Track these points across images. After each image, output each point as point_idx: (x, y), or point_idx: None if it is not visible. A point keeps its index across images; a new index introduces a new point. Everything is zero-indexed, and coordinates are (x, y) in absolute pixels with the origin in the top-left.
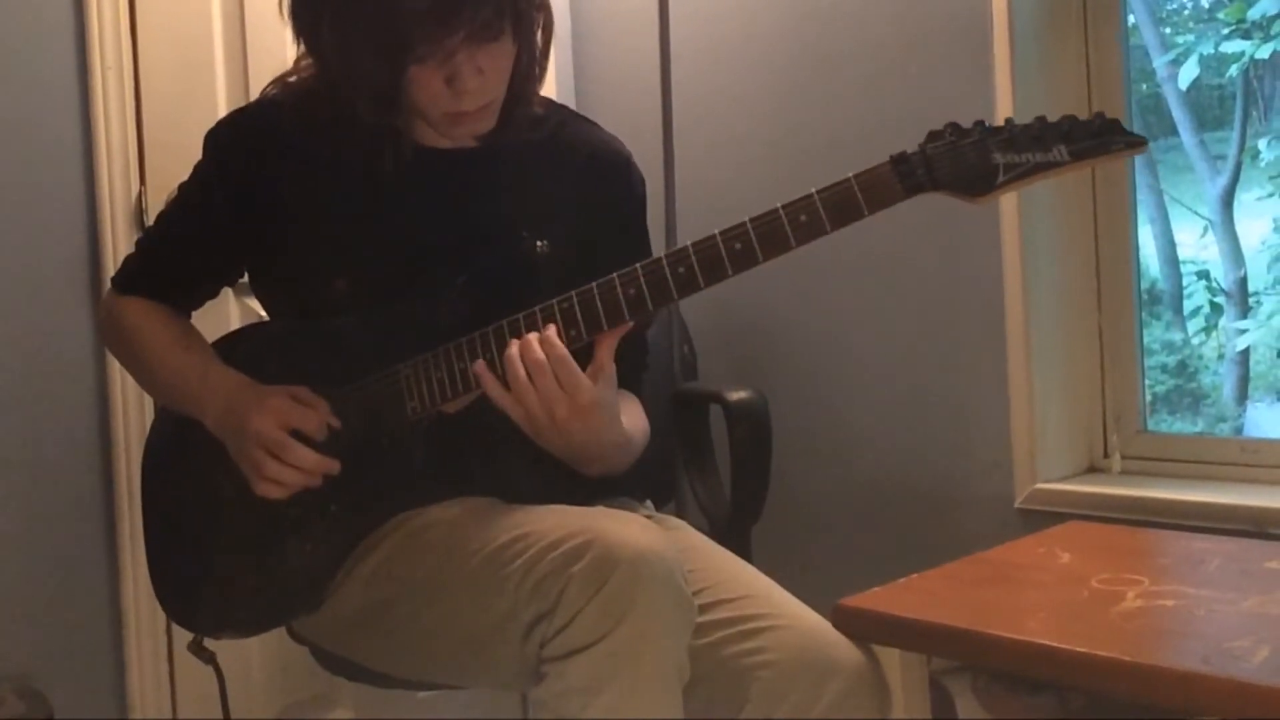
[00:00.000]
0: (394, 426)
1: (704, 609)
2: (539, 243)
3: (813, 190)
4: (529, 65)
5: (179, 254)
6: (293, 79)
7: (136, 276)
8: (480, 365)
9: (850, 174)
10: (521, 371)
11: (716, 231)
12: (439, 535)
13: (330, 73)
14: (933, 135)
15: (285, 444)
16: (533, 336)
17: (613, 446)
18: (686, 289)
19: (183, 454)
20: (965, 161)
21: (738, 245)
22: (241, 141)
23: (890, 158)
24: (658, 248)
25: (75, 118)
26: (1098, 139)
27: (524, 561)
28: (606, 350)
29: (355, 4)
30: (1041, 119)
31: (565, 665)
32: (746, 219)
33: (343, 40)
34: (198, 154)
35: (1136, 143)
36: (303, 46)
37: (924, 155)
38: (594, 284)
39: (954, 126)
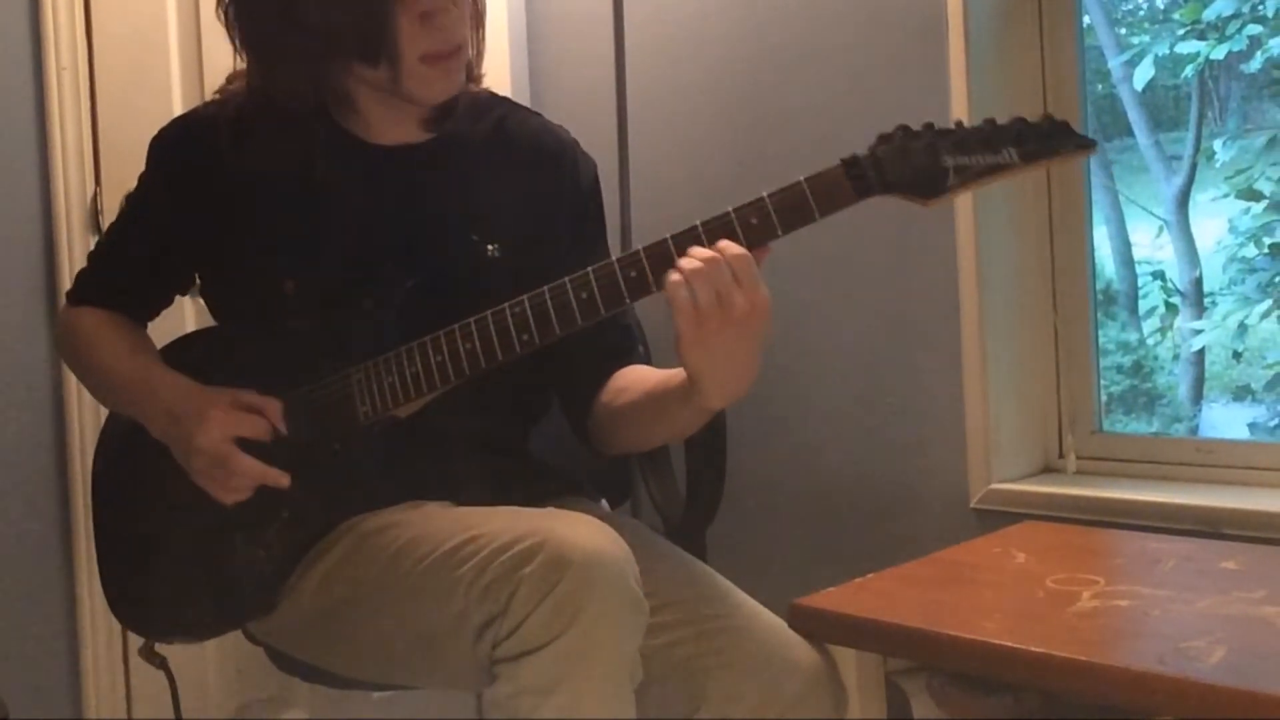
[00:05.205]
0: (345, 431)
1: (659, 609)
2: (489, 247)
3: (763, 193)
4: (475, 30)
5: (129, 264)
6: (234, 86)
7: (89, 288)
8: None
9: (801, 177)
10: (694, 262)
11: (668, 235)
12: (391, 538)
13: (271, 57)
14: (883, 138)
15: (230, 457)
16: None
17: (749, 364)
18: (638, 292)
19: (133, 459)
20: (915, 164)
21: (689, 249)
22: (183, 147)
23: (841, 160)
24: (613, 247)
25: (30, 119)
26: (1047, 141)
27: (475, 564)
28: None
29: None
30: (991, 121)
31: (517, 667)
32: (698, 222)
33: None
34: None
35: (1086, 145)
36: (245, 32)
37: (874, 158)
38: (545, 288)
39: (904, 129)
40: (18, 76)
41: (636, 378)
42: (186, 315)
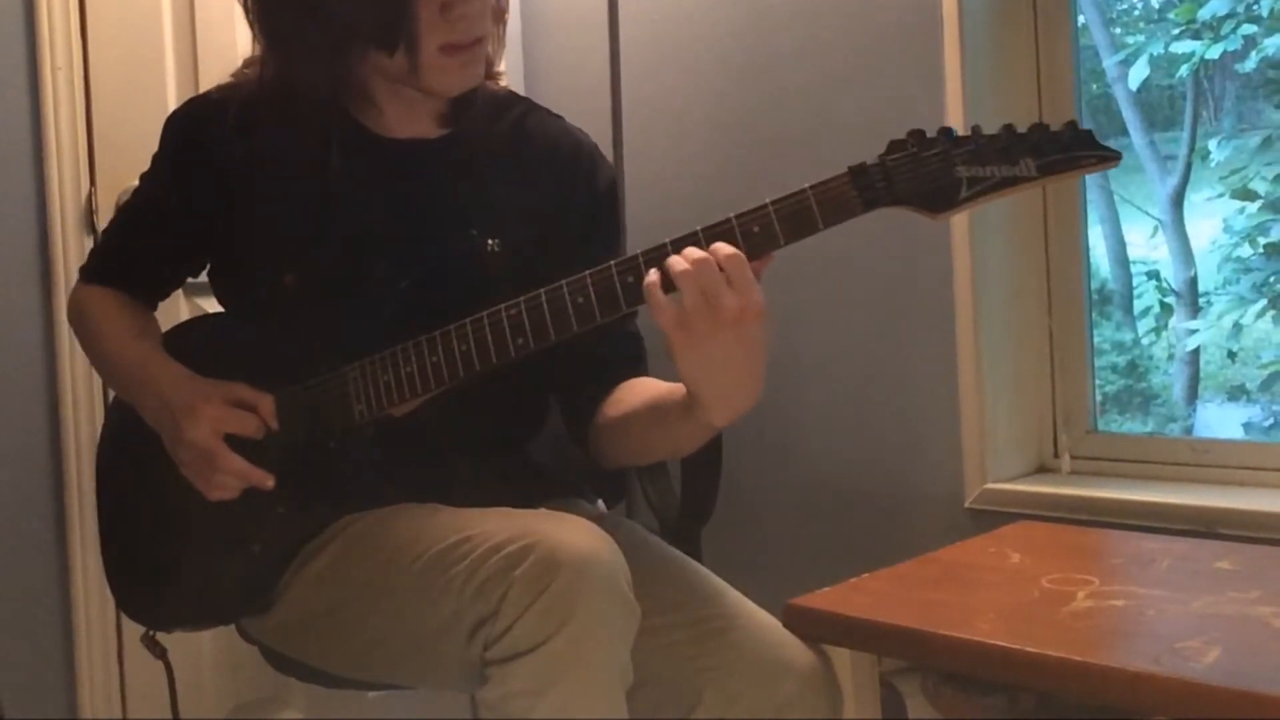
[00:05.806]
0: (341, 429)
1: (653, 610)
2: (490, 241)
3: (767, 200)
4: (495, 25)
5: (138, 244)
6: (248, 71)
7: (99, 266)
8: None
9: (807, 185)
10: (682, 262)
11: (668, 240)
12: (385, 538)
13: (290, 46)
14: (894, 145)
15: (216, 454)
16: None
17: (749, 375)
18: (635, 299)
19: (135, 446)
20: (927, 175)
21: (683, 251)
22: (197, 127)
23: (849, 169)
24: None
25: (25, 118)
26: (1068, 153)
27: (468, 564)
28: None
29: None
30: (1009, 128)
31: (508, 668)
32: (698, 228)
33: None
34: (148, 154)
35: (1109, 156)
36: (265, 20)
37: (884, 167)
38: (542, 291)
39: (918, 135)
40: (13, 75)
41: (639, 388)
42: (181, 313)
